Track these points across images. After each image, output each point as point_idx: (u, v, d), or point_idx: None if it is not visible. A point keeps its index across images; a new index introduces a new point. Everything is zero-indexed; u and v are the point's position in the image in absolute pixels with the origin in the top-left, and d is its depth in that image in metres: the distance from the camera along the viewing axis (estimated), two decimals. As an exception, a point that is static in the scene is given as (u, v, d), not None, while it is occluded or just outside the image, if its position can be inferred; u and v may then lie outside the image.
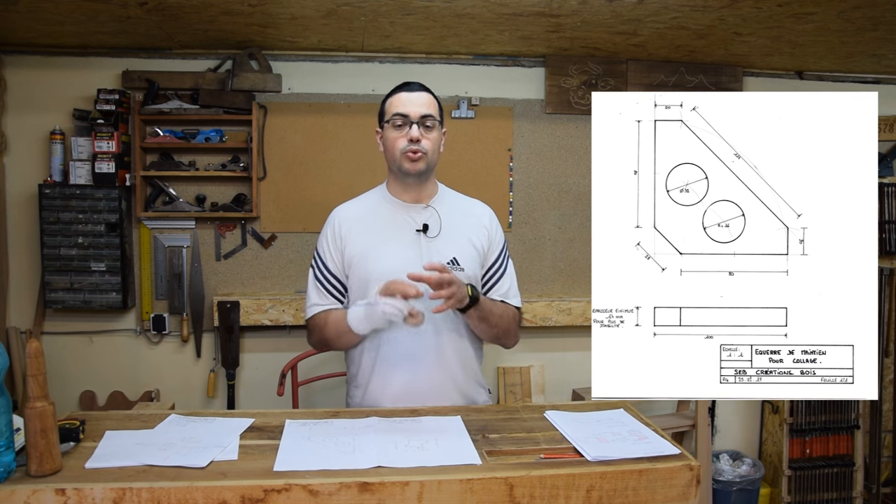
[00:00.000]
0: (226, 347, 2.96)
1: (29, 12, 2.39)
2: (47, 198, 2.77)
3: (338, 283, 1.76)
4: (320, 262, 1.77)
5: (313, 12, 2.42)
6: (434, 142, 1.72)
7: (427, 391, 1.69)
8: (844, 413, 3.13)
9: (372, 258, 1.70)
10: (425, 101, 1.71)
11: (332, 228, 1.77)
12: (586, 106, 3.08)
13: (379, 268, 1.67)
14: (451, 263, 1.70)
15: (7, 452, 1.14)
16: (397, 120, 1.69)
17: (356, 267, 1.72)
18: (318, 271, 1.77)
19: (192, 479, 1.15)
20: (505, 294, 1.82)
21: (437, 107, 1.74)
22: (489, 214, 1.84)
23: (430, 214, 1.74)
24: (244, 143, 2.92)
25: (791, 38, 2.68)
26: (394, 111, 1.70)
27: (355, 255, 1.72)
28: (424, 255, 1.69)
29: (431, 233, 1.72)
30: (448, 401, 1.70)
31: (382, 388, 1.72)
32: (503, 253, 1.83)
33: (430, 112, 1.70)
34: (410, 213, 1.75)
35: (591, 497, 1.22)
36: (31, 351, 1.15)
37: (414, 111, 1.68)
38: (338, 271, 1.76)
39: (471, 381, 1.78)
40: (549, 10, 2.39)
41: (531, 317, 3.04)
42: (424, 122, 1.68)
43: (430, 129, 1.70)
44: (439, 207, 1.76)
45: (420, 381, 1.69)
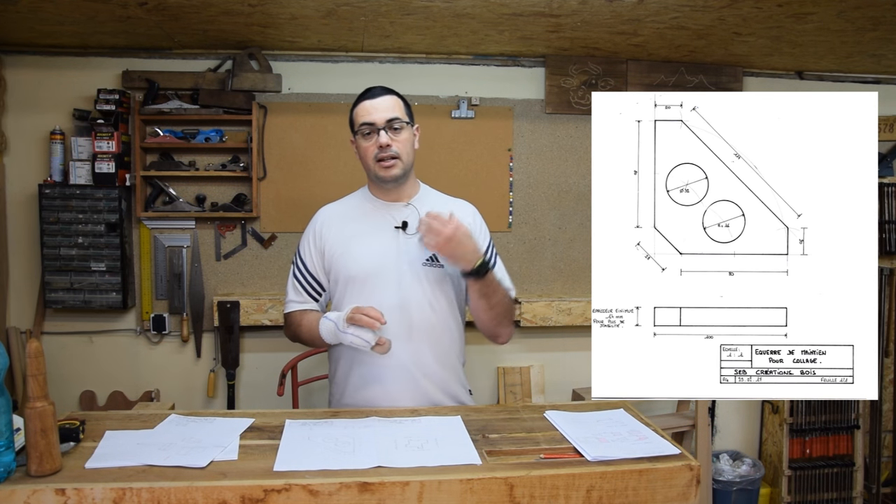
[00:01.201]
0: (226, 347, 2.96)
1: (29, 12, 2.39)
2: (47, 198, 2.77)
3: (315, 282, 1.79)
4: (300, 261, 1.81)
5: (313, 12, 2.42)
6: (405, 142, 1.71)
7: (403, 391, 1.69)
8: (844, 413, 3.13)
9: (349, 255, 1.73)
10: (389, 105, 1.70)
11: (314, 228, 1.81)
12: (586, 106, 3.08)
13: (356, 264, 1.71)
14: (430, 260, 1.71)
15: (7, 452, 1.14)
16: (365, 129, 1.69)
17: (335, 264, 1.75)
18: (297, 269, 1.81)
19: (192, 479, 1.15)
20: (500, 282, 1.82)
21: (402, 107, 1.73)
22: (472, 212, 1.84)
23: (409, 212, 1.75)
24: (244, 143, 2.92)
25: (791, 38, 2.68)
26: (360, 121, 1.70)
27: (334, 253, 1.75)
28: (403, 253, 1.71)
29: (410, 230, 1.72)
30: (427, 401, 1.70)
31: (359, 388, 1.73)
32: (490, 250, 1.82)
33: (395, 115, 1.69)
34: (390, 210, 1.76)
35: (591, 497, 1.22)
36: (31, 351, 1.15)
37: (379, 117, 1.68)
38: (316, 270, 1.78)
39: (451, 382, 1.76)
40: (549, 10, 2.39)
41: (531, 317, 3.04)
42: (392, 126, 1.68)
43: (398, 130, 1.69)
44: (419, 205, 1.76)
45: (396, 383, 1.69)
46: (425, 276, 1.71)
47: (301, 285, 1.79)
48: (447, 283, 1.74)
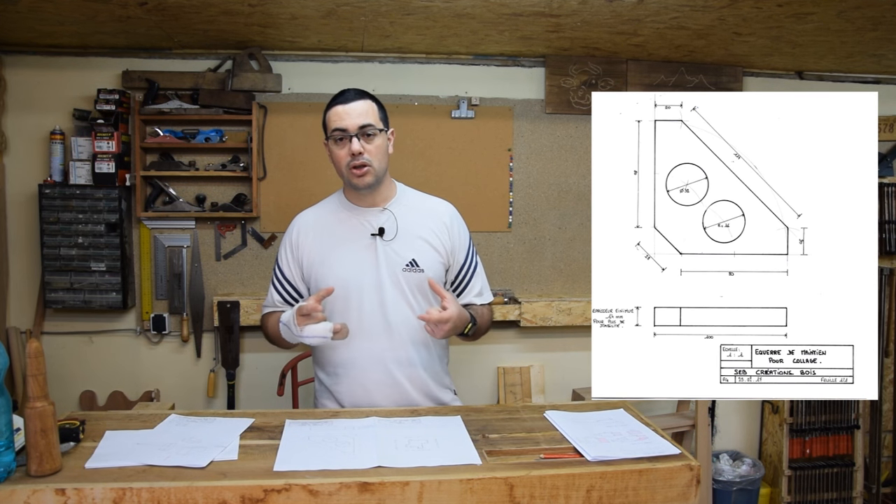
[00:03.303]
0: (226, 347, 2.96)
1: (29, 12, 2.39)
2: (47, 198, 2.77)
3: (292, 289, 1.80)
4: (278, 270, 1.83)
5: (313, 12, 2.42)
6: (378, 148, 1.68)
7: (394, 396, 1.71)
8: (844, 413, 3.13)
9: (327, 264, 1.73)
10: (362, 111, 1.66)
11: (291, 238, 1.81)
12: (586, 106, 3.08)
13: (334, 273, 1.71)
14: (409, 265, 1.71)
15: (7, 452, 1.14)
16: (336, 135, 1.67)
17: (314, 274, 1.75)
18: (276, 278, 1.83)
19: (192, 479, 1.15)
20: (479, 293, 1.84)
21: (376, 112, 1.70)
22: (450, 212, 1.83)
23: (386, 218, 1.74)
24: (244, 143, 2.92)
25: (791, 38, 2.68)
26: (332, 126, 1.68)
27: (313, 263, 1.75)
28: (381, 259, 1.71)
29: (388, 236, 1.72)
30: (407, 403, 1.71)
31: (344, 390, 1.74)
32: (470, 250, 1.83)
33: (367, 121, 1.66)
34: (367, 216, 1.75)
35: (591, 497, 1.22)
36: (31, 351, 1.15)
37: (351, 123, 1.65)
38: (294, 280, 1.80)
39: (431, 385, 1.77)
40: (549, 10, 2.39)
41: (531, 317, 3.04)
42: (364, 132, 1.65)
43: (371, 137, 1.66)
44: (396, 209, 1.76)
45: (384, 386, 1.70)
46: (405, 281, 1.71)
47: (278, 291, 1.81)
48: (427, 286, 1.74)
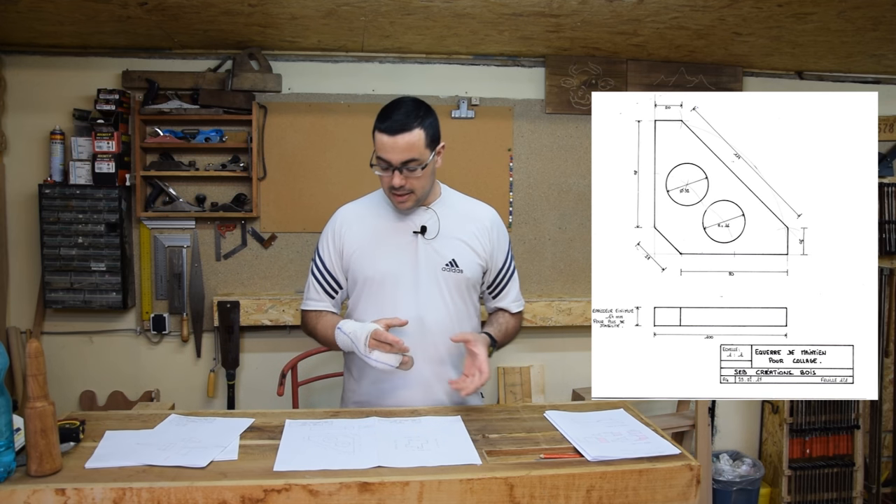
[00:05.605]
0: (226, 347, 2.96)
1: (29, 12, 2.39)
2: (47, 198, 2.77)
3: (333, 281, 1.79)
4: (319, 260, 1.81)
5: (313, 12, 2.42)
6: (423, 178, 1.65)
7: (420, 394, 1.71)
8: (844, 413, 3.13)
9: (367, 256, 1.73)
10: (405, 146, 1.59)
11: (333, 227, 1.80)
12: (586, 106, 3.08)
13: (374, 268, 1.71)
14: (449, 265, 1.71)
15: (7, 452, 1.14)
16: (382, 164, 1.64)
17: (353, 265, 1.75)
18: (317, 267, 1.81)
19: (192, 479, 1.15)
20: (515, 299, 1.86)
21: (423, 141, 1.61)
22: (492, 217, 1.83)
23: (429, 216, 1.75)
24: (244, 143, 2.92)
25: (791, 38, 2.68)
26: (377, 153, 1.64)
27: (353, 254, 1.75)
28: (421, 257, 1.71)
29: (429, 235, 1.72)
30: (435, 402, 1.72)
31: (376, 389, 1.74)
32: (509, 256, 1.84)
33: (411, 157, 1.60)
34: (410, 214, 1.75)
35: (591, 497, 1.22)
36: (31, 351, 1.15)
37: (395, 158, 1.60)
38: (334, 269, 1.78)
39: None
40: (549, 10, 2.39)
41: (531, 317, 3.04)
42: (407, 166, 1.62)
43: (414, 170, 1.62)
44: (440, 209, 1.76)
45: (413, 385, 1.71)
46: (444, 280, 1.71)
47: (320, 284, 1.79)
48: (465, 287, 1.75)
